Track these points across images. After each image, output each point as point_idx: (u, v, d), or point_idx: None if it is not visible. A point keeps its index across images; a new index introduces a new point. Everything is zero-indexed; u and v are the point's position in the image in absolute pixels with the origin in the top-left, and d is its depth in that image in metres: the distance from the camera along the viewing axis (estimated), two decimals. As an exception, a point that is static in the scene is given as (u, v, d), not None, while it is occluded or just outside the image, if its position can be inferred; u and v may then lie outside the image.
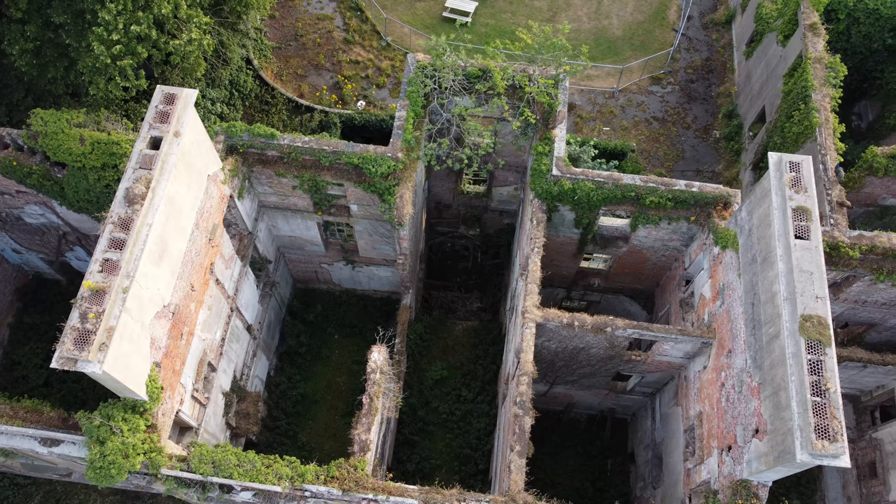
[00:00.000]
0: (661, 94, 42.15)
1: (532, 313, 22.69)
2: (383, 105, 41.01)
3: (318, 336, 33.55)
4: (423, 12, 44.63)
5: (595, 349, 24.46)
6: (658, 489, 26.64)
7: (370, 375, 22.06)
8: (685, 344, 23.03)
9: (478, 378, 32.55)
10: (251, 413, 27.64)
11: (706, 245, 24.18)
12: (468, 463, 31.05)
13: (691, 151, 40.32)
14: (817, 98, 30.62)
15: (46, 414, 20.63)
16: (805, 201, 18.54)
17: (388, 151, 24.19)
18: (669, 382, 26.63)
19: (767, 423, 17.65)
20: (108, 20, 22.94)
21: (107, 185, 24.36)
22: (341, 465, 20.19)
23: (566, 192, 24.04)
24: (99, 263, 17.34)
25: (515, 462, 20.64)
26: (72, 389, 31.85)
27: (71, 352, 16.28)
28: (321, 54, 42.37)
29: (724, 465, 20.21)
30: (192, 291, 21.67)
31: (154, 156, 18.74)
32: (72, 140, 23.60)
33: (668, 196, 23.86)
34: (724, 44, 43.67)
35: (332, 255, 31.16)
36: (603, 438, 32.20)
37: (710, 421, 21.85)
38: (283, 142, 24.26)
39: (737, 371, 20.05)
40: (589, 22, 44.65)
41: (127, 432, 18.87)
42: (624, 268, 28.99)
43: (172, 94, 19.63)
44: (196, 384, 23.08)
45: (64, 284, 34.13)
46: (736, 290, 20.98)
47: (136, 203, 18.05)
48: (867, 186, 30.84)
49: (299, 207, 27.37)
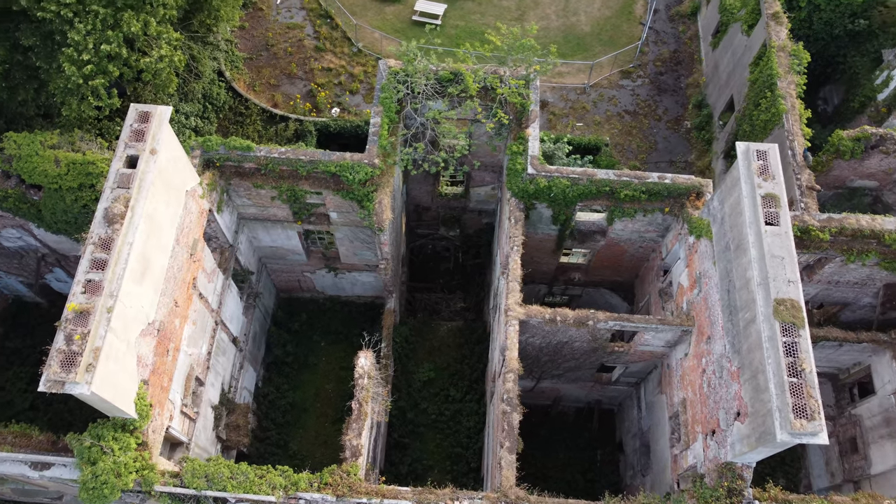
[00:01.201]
0: (632, 87, 42.74)
1: (515, 311, 23.02)
2: (358, 111, 41.18)
3: (304, 344, 33.65)
4: (393, 17, 44.87)
5: (578, 343, 24.85)
6: (647, 476, 27.11)
7: (358, 381, 22.27)
8: (666, 333, 23.49)
9: (465, 377, 32.84)
10: (241, 425, 27.71)
11: (681, 235, 24.66)
12: (460, 462, 31.34)
13: (664, 143, 40.93)
14: (783, 85, 31.27)
15: (35, 438, 20.60)
16: (773, 188, 19.04)
17: (365, 158, 24.40)
18: (653, 371, 27.11)
19: (748, 406, 18.12)
20: (78, 40, 22.94)
21: (84, 205, 24.34)
22: (334, 471, 20.38)
23: (542, 189, 24.41)
24: (81, 284, 17.40)
25: (506, 458, 20.95)
26: (59, 412, 31.67)
27: (58, 374, 16.32)
28: (293, 63, 42.45)
29: (709, 449, 20.67)
30: (176, 307, 21.75)
31: (131, 174, 18.81)
32: (47, 162, 23.57)
33: (642, 189, 24.31)
34: (691, 35, 44.36)
35: (314, 263, 31.30)
36: (591, 430, 32.65)
37: (693, 407, 22.32)
38: (259, 153, 24.39)
39: (717, 357, 20.52)
40: (557, 19, 45.13)
41: (118, 451, 18.93)
42: (603, 261, 29.44)
43: (147, 112, 19.71)
44: (184, 399, 23.14)
45: (45, 307, 33.92)
46: (712, 278, 21.45)
47: (116, 222, 18.11)
48: (835, 169, 31.53)
49: (279, 217, 27.49)
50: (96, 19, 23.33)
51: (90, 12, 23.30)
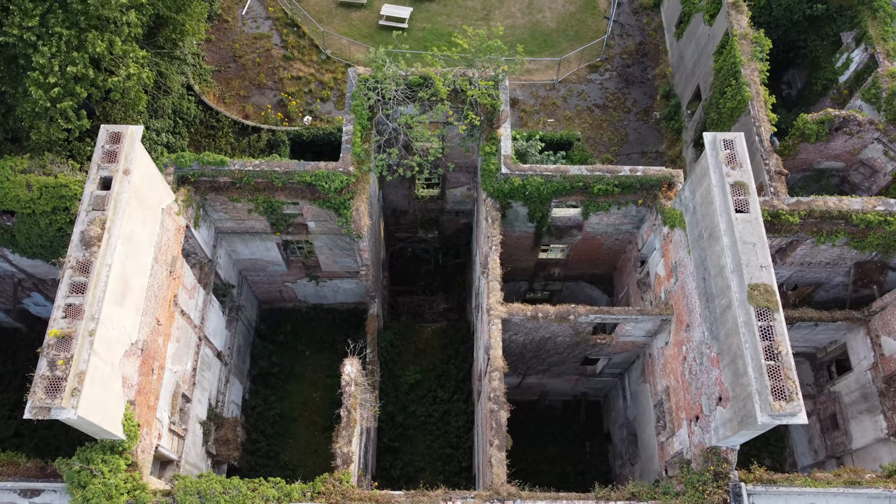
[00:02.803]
0: (600, 81, 43.20)
1: (497, 310, 23.27)
2: (330, 118, 41.19)
3: (289, 355, 33.65)
4: (360, 22, 44.92)
5: (561, 337, 25.17)
6: (636, 465, 27.52)
7: (345, 388, 22.38)
8: (646, 323, 23.88)
9: (451, 378, 33.06)
10: (231, 439, 27.69)
11: (656, 226, 25.07)
12: (451, 462, 31.55)
13: (634, 134, 41.44)
14: (746, 73, 31.86)
15: (23, 465, 20.43)
16: (741, 176, 19.46)
17: (340, 166, 24.50)
18: (636, 361, 27.52)
19: (729, 391, 18.53)
20: (43, 63, 22.78)
21: (59, 228, 24.18)
22: (326, 479, 20.49)
23: (517, 188, 24.69)
24: (62, 309, 17.34)
25: (496, 456, 21.20)
26: (45, 437, 31.38)
27: (43, 401, 16.27)
28: (262, 73, 42.35)
29: (693, 434, 21.08)
30: (159, 325, 21.71)
31: (106, 196, 18.76)
32: (18, 187, 23.38)
33: (615, 182, 24.68)
34: (655, 27, 44.93)
35: (295, 272, 31.32)
36: (579, 422, 33.02)
37: (676, 394, 22.73)
38: (233, 167, 24.39)
39: (696, 344, 20.93)
40: (523, 17, 45.47)
41: (108, 473, 18.88)
42: (581, 255, 29.80)
43: (118, 133, 19.66)
44: (172, 417, 23.10)
45: (24, 332, 33.56)
46: (687, 267, 21.86)
47: (93, 245, 18.07)
48: (802, 153, 32.22)
49: (257, 230, 27.50)
50: (60, 41, 23.19)
51: (53, 34, 23.15)
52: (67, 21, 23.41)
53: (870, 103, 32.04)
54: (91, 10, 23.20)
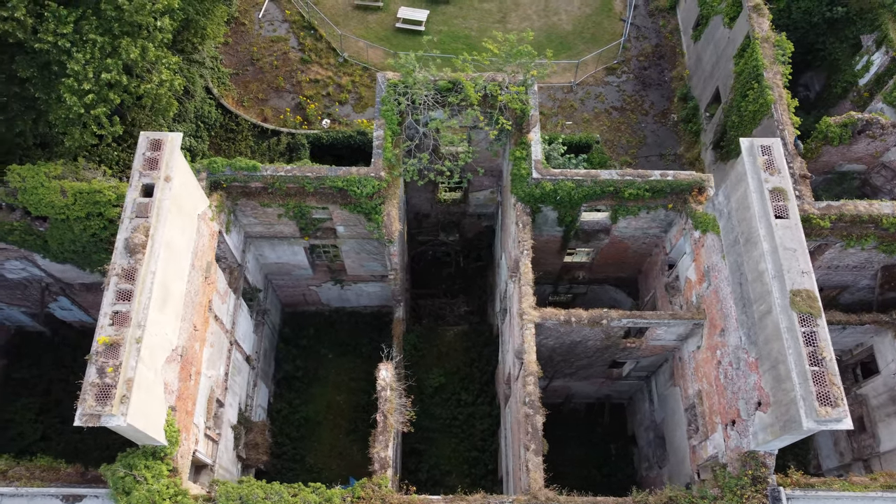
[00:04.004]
0: (617, 83, 43.29)
1: (530, 314, 23.35)
2: (348, 122, 41.28)
3: (312, 358, 33.73)
4: (376, 25, 45.00)
5: (592, 341, 25.25)
6: (664, 468, 27.60)
7: (381, 393, 22.47)
8: (677, 327, 23.96)
9: (475, 381, 33.13)
10: (260, 443, 27.78)
11: (686, 230, 25.15)
12: (477, 465, 31.63)
13: (652, 136, 41.53)
14: (769, 76, 31.90)
15: (63, 471, 20.54)
16: (780, 182, 19.54)
17: (371, 171, 24.59)
18: (664, 364, 27.59)
19: (769, 396, 18.61)
20: (78, 70, 22.83)
21: (93, 233, 24.27)
22: (365, 484, 20.57)
23: (548, 193, 24.77)
24: (108, 316, 17.42)
25: (533, 460, 21.29)
26: (71, 441, 31.47)
27: (94, 408, 16.37)
28: (280, 76, 42.43)
29: (729, 439, 21.16)
30: (196, 331, 21.79)
31: (148, 203, 18.85)
32: (53, 193, 23.47)
33: (646, 187, 24.76)
34: (671, 29, 45.00)
35: (320, 276, 31.41)
36: (603, 425, 33.11)
37: (710, 398, 22.81)
38: (266, 172, 24.48)
39: (732, 348, 21.01)
40: (539, 20, 45.55)
41: (151, 479, 18.97)
42: (606, 258, 29.88)
43: (158, 140, 19.75)
44: (207, 422, 23.19)
45: (48, 335, 33.67)
46: (721, 271, 21.94)
47: (138, 252, 18.15)
48: (824, 155, 32.28)
49: (285, 234, 27.58)
50: (94, 48, 23.25)
51: (87, 41, 23.21)
52: (101, 28, 23.49)
53: (892, 106, 32.15)
54: (125, 17, 23.28)
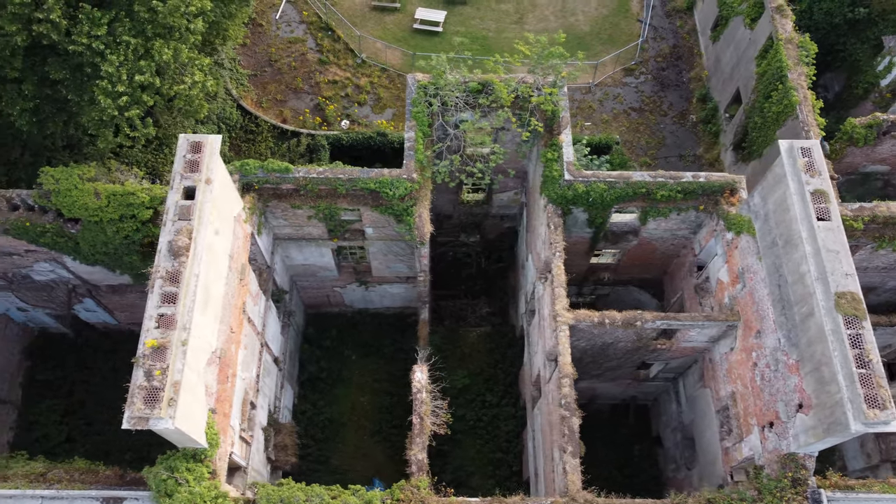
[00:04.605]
0: (636, 84, 43.28)
1: (564, 316, 23.35)
2: (367, 123, 41.26)
3: (336, 359, 33.73)
4: (394, 26, 44.97)
5: (623, 343, 25.26)
6: (693, 469, 27.60)
7: (416, 395, 22.47)
8: (711, 329, 23.96)
9: (499, 382, 33.15)
10: (288, 445, 27.77)
11: (717, 231, 25.15)
12: (501, 466, 31.65)
13: (671, 137, 41.52)
14: (793, 77, 31.90)
15: (102, 473, 20.56)
16: (821, 184, 19.55)
17: (403, 173, 24.58)
18: (693, 366, 27.59)
19: (812, 398, 18.61)
20: (112, 72, 22.83)
21: (126, 236, 24.26)
22: (404, 487, 20.58)
23: (580, 195, 24.76)
24: (154, 319, 17.42)
25: (570, 463, 21.30)
26: (96, 443, 31.51)
27: (142, 411, 16.36)
28: (298, 77, 42.40)
29: (767, 440, 21.16)
30: (232, 333, 21.79)
31: (191, 206, 18.84)
32: (86, 195, 23.44)
33: (678, 188, 24.76)
34: (689, 30, 44.98)
35: (345, 278, 31.41)
36: (627, 426, 33.10)
37: (745, 400, 22.81)
38: (298, 174, 24.48)
39: (770, 350, 21.00)
40: (556, 21, 45.53)
41: (192, 482, 18.96)
42: (633, 259, 29.88)
43: (198, 142, 19.74)
44: (242, 424, 23.19)
45: (71, 337, 33.66)
46: (757, 273, 21.94)
47: (182, 255, 18.14)
48: (848, 156, 32.29)
49: (314, 236, 27.58)
50: (128, 50, 23.24)
51: (121, 43, 23.20)
52: (134, 29, 23.48)
53: (916, 107, 32.14)
54: (158, 19, 23.28)
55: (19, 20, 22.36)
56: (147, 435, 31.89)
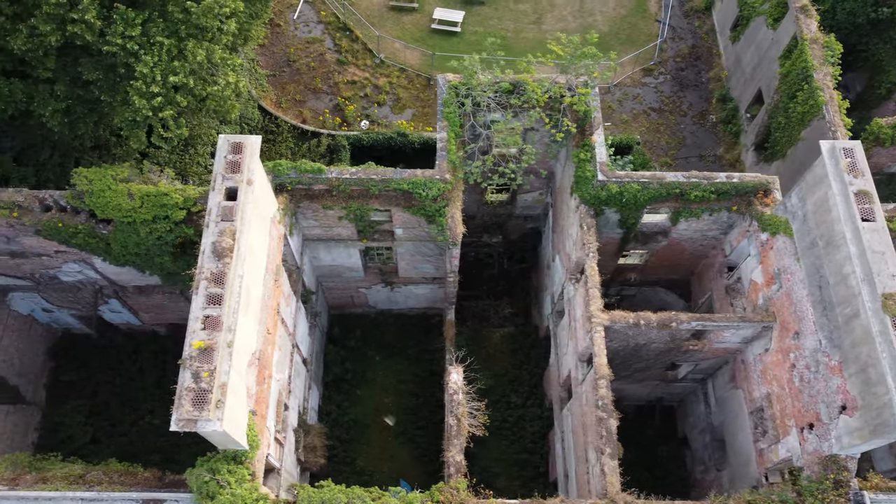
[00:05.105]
0: (655, 84, 43.20)
1: (599, 317, 23.29)
2: (387, 123, 41.19)
3: (359, 360, 33.66)
4: (412, 26, 44.90)
5: (656, 344, 25.18)
6: (723, 471, 27.51)
7: (452, 397, 22.40)
8: (745, 330, 23.88)
9: (524, 383, 33.07)
10: (318, 446, 27.71)
11: (750, 232, 25.07)
12: (527, 467, 31.57)
13: (691, 138, 41.45)
14: (819, 77, 31.83)
15: (141, 475, 20.50)
16: (864, 185, 19.48)
17: (437, 174, 24.51)
18: (723, 367, 27.50)
19: (857, 400, 18.53)
20: (146, 73, 22.75)
21: (159, 237, 24.19)
22: (443, 489, 20.51)
23: (614, 195, 24.69)
24: (200, 321, 17.35)
25: (608, 464, 21.23)
26: (120, 444, 31.44)
27: (191, 413, 16.29)
28: (317, 78, 42.33)
29: (806, 442, 21.08)
30: (268, 334, 21.73)
31: (233, 207, 18.79)
32: (120, 196, 23.38)
33: (711, 189, 24.68)
34: (707, 30, 44.90)
35: (371, 278, 31.34)
36: (654, 427, 33.01)
37: (781, 401, 22.72)
38: (331, 175, 24.41)
39: (809, 351, 20.92)
40: (574, 21, 45.45)
41: (234, 484, 18.89)
42: (661, 260, 29.80)
43: (239, 143, 19.68)
44: (277, 425, 23.12)
45: (94, 338, 33.59)
46: (795, 274, 21.86)
47: (226, 256, 18.08)
48: (874, 157, 32.21)
49: (343, 237, 27.51)
50: (161, 50, 23.16)
51: (154, 44, 23.12)
52: (167, 30, 23.40)
53: (941, 108, 32.04)
54: (192, 20, 23.19)
55: (54, 20, 22.28)
56: (173, 436, 31.82)
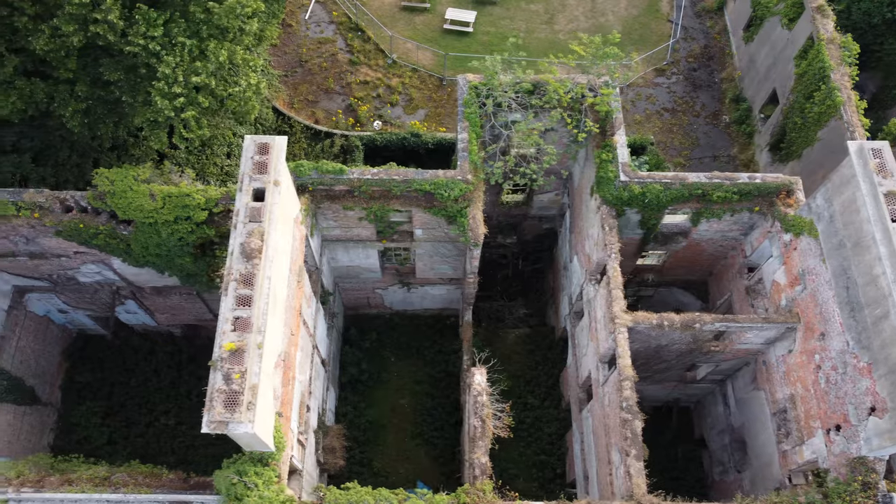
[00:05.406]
0: (667, 84, 43.12)
1: (622, 318, 23.22)
2: (400, 123, 41.12)
3: (375, 361, 33.59)
4: (423, 26, 44.82)
5: (677, 345, 25.11)
6: (744, 472, 27.43)
7: (477, 398, 22.32)
8: (769, 331, 23.80)
9: (541, 384, 32.99)
10: (336, 447, 27.63)
11: (772, 233, 24.99)
12: (545, 469, 31.49)
13: (705, 138, 41.37)
14: (836, 77, 31.76)
15: (165, 477, 20.42)
16: (894, 185, 19.38)
17: (458, 174, 24.44)
18: (743, 368, 27.43)
19: (887, 401, 18.45)
20: (168, 73, 22.68)
21: (180, 237, 24.12)
22: (469, 490, 20.43)
23: (636, 196, 24.61)
24: (230, 322, 17.27)
25: (634, 466, 21.15)
26: (136, 445, 31.38)
27: (222, 414, 16.21)
28: (329, 78, 42.25)
29: (833, 444, 21.00)
30: (292, 335, 21.65)
31: (261, 207, 18.70)
32: (142, 196, 23.31)
33: (734, 190, 24.62)
34: (720, 30, 44.83)
35: (387, 279, 31.27)
36: (671, 428, 32.93)
37: (806, 402, 22.64)
38: (352, 175, 24.34)
39: (836, 353, 20.84)
40: (586, 21, 45.38)
41: (262, 486, 18.81)
42: (679, 261, 29.72)
43: (265, 144, 19.60)
44: (300, 427, 23.05)
45: (108, 339, 33.52)
46: (820, 275, 21.78)
47: (255, 257, 18.00)
48: (891, 157, 32.08)
49: (362, 237, 27.44)
50: (183, 51, 23.09)
51: (176, 44, 23.05)
52: (188, 30, 23.33)
53: (958, 108, 31.95)
54: (214, 20, 23.13)
55: (76, 21, 22.21)
56: (188, 437, 31.87)
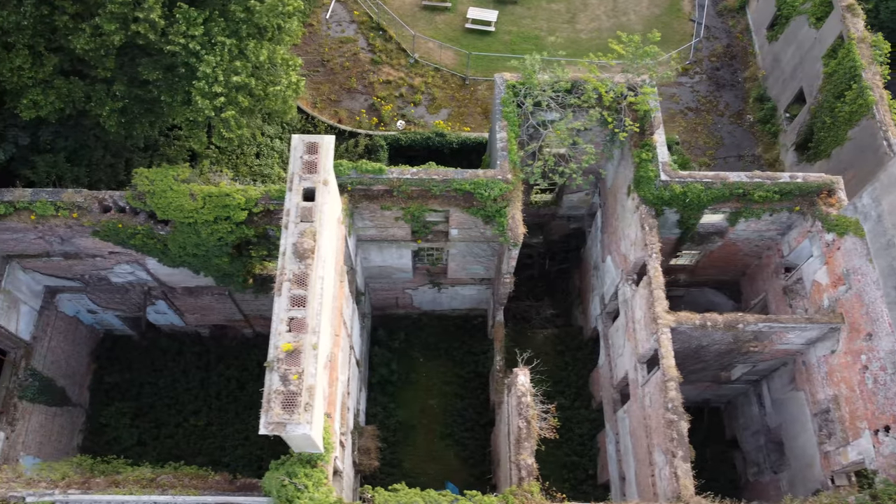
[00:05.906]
0: (691, 84, 42.99)
1: (665, 318, 23.09)
2: (423, 123, 40.99)
3: (404, 362, 33.46)
4: (444, 25, 44.69)
5: (717, 345, 24.98)
6: (781, 473, 27.30)
7: (521, 399, 22.21)
8: (811, 331, 23.67)
9: (571, 384, 32.86)
10: (371, 448, 27.53)
11: (813, 232, 24.86)
12: (576, 470, 31.36)
13: (729, 137, 41.24)
14: (868, 76, 31.63)
15: (211, 478, 20.30)
16: (947, 185, 19.28)
17: (498, 174, 24.31)
18: (780, 368, 27.29)
19: (942, 402, 18.34)
20: (208, 73, 22.54)
21: (219, 237, 23.99)
22: (516, 492, 20.32)
23: (677, 196, 24.49)
24: (285, 323, 17.15)
25: (681, 467, 21.07)
26: (166, 445, 31.26)
27: (281, 416, 16.09)
28: (352, 77, 42.13)
29: (882, 445, 20.88)
30: (336, 336, 21.54)
31: (312, 207, 18.59)
32: (182, 196, 23.19)
33: (775, 189, 24.50)
34: (742, 29, 44.69)
35: (418, 279, 31.14)
36: (702, 429, 32.76)
37: (851, 403, 22.51)
38: (391, 175, 24.22)
39: (885, 353, 20.72)
40: (608, 20, 45.26)
41: (312, 488, 18.69)
42: (712, 261, 29.60)
43: (314, 143, 19.49)
44: (341, 428, 22.93)
45: (136, 339, 33.41)
46: (867, 275, 21.66)
47: (307, 257, 17.88)
48: (923, 157, 31.95)
49: (397, 238, 27.31)
50: (223, 50, 22.96)
51: (216, 44, 22.92)
52: (228, 29, 23.20)
53: None
54: (254, 19, 23.00)
55: (118, 19, 22.07)
56: (220, 438, 31.73)
